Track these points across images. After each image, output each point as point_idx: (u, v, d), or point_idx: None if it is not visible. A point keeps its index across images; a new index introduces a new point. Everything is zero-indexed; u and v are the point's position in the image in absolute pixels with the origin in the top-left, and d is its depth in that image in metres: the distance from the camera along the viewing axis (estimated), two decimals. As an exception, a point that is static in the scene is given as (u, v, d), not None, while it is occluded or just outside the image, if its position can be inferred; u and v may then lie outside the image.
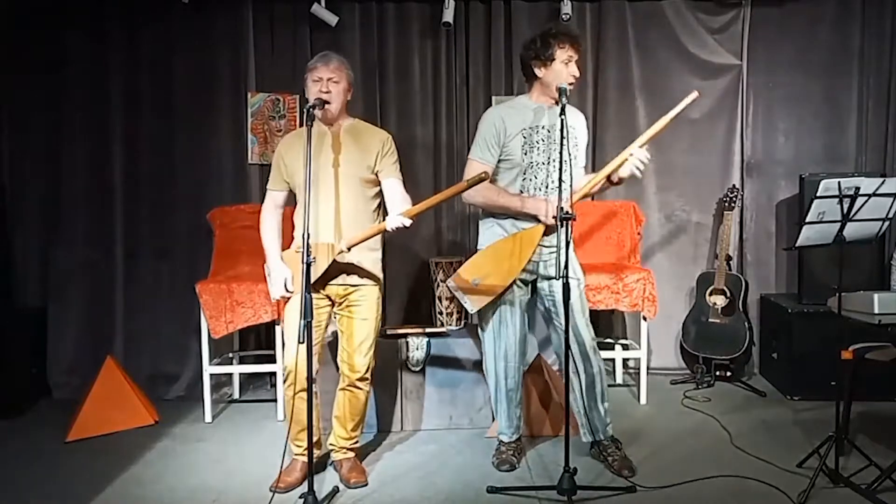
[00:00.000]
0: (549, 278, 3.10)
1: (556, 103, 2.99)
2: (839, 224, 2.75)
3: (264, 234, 3.07)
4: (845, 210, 2.71)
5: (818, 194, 2.67)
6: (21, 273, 4.39)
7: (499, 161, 3.07)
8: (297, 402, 2.88)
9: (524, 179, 3.05)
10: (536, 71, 3.02)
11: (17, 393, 4.03)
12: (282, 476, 2.95)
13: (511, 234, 3.05)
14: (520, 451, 3.28)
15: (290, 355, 2.93)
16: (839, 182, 2.67)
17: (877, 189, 2.70)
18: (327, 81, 2.92)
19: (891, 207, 2.78)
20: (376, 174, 3.03)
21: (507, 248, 3.02)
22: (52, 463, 3.33)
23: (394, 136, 4.93)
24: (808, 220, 2.71)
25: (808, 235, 2.77)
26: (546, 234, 3.02)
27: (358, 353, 3.03)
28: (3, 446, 3.53)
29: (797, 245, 2.81)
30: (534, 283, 3.17)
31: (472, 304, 3.09)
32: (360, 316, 3.03)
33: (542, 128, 3.03)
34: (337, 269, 2.94)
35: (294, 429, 2.98)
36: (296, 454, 3.06)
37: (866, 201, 2.71)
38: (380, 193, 3.08)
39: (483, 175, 2.81)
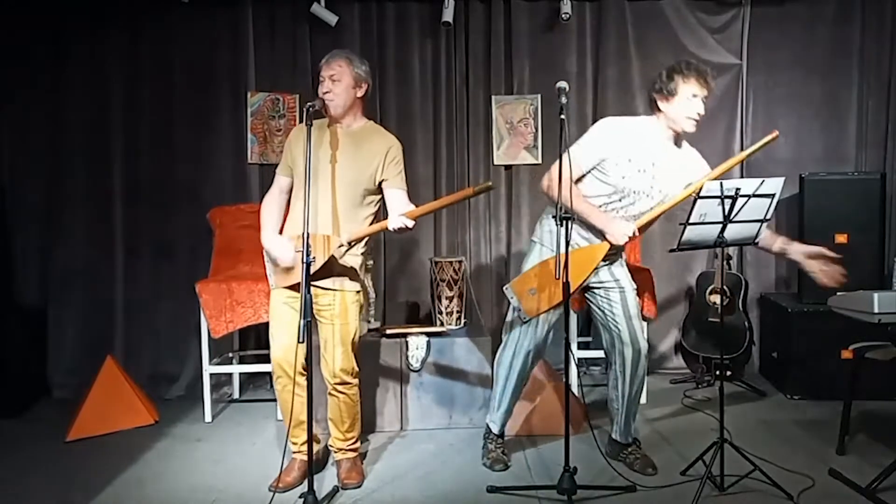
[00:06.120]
0: (602, 283, 3.07)
1: (678, 138, 3.01)
2: (720, 225, 2.73)
3: (265, 210, 3.01)
4: (726, 211, 2.69)
5: (700, 194, 2.65)
6: (21, 273, 4.39)
7: (593, 168, 2.99)
8: (285, 395, 2.91)
9: (610, 200, 2.97)
10: (660, 104, 2.97)
11: (17, 393, 4.04)
12: (281, 476, 2.95)
13: (577, 248, 2.96)
14: (507, 449, 3.29)
15: (277, 348, 2.92)
16: (721, 182, 2.66)
17: (756, 189, 2.69)
18: (328, 80, 2.89)
19: (768, 209, 2.77)
20: (379, 184, 2.94)
21: (571, 262, 2.81)
22: (52, 463, 3.33)
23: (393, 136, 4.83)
24: (690, 220, 2.69)
25: (689, 237, 2.74)
26: (609, 251, 2.95)
27: (334, 359, 2.96)
28: (3, 446, 3.53)
29: (679, 246, 2.77)
30: (585, 287, 3.12)
31: (527, 312, 3.00)
32: (336, 321, 2.94)
33: (649, 161, 2.97)
34: (327, 269, 2.86)
35: (288, 423, 2.97)
36: (294, 452, 3.06)
37: (746, 202, 2.70)
38: (378, 203, 3.00)
39: (489, 185, 2.82)
